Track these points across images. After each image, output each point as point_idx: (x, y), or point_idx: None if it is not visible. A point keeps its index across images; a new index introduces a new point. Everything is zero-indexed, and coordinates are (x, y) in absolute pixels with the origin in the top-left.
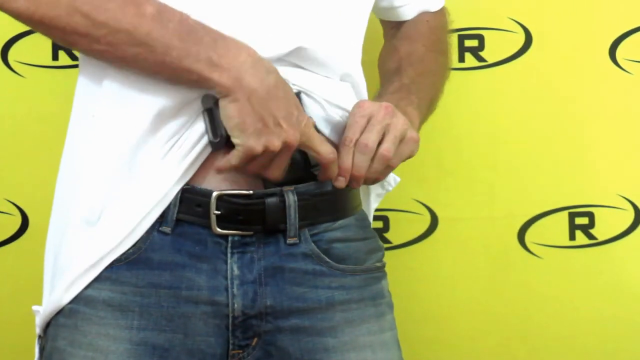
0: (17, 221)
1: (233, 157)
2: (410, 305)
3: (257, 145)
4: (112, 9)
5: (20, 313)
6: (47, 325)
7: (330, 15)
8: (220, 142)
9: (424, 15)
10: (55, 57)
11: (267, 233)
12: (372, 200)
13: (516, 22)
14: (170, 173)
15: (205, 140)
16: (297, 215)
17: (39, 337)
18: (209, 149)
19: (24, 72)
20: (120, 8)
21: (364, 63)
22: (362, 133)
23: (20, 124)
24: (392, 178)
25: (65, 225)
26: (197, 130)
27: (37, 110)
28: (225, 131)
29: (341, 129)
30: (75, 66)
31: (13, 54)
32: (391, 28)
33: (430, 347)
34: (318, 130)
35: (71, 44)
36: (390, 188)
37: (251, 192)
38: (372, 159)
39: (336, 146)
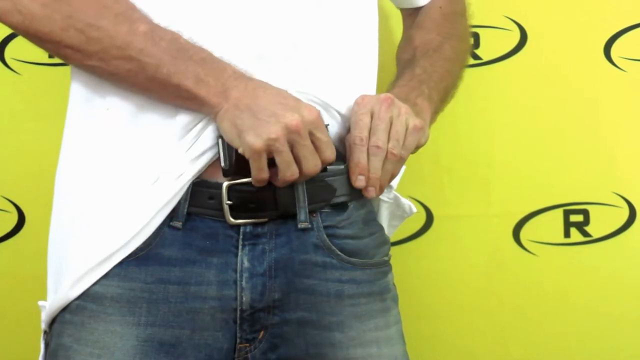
0: (14, 218)
1: (253, 169)
2: (405, 302)
3: (257, 141)
4: (106, 26)
5: (18, 310)
6: (53, 321)
7: (330, 10)
8: (230, 169)
9: (437, 1)
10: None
11: (279, 221)
12: (387, 229)
13: (511, 20)
14: (184, 171)
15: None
16: (305, 197)
17: (45, 332)
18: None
19: (20, 70)
20: (113, 25)
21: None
22: (369, 131)
23: (16, 121)
24: (409, 206)
25: (71, 221)
26: (211, 133)
27: (34, 108)
28: (232, 159)
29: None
30: None
31: (10, 51)
32: (408, 16)
33: (426, 344)
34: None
35: (64, 57)
36: (406, 216)
37: None
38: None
39: (343, 156)
